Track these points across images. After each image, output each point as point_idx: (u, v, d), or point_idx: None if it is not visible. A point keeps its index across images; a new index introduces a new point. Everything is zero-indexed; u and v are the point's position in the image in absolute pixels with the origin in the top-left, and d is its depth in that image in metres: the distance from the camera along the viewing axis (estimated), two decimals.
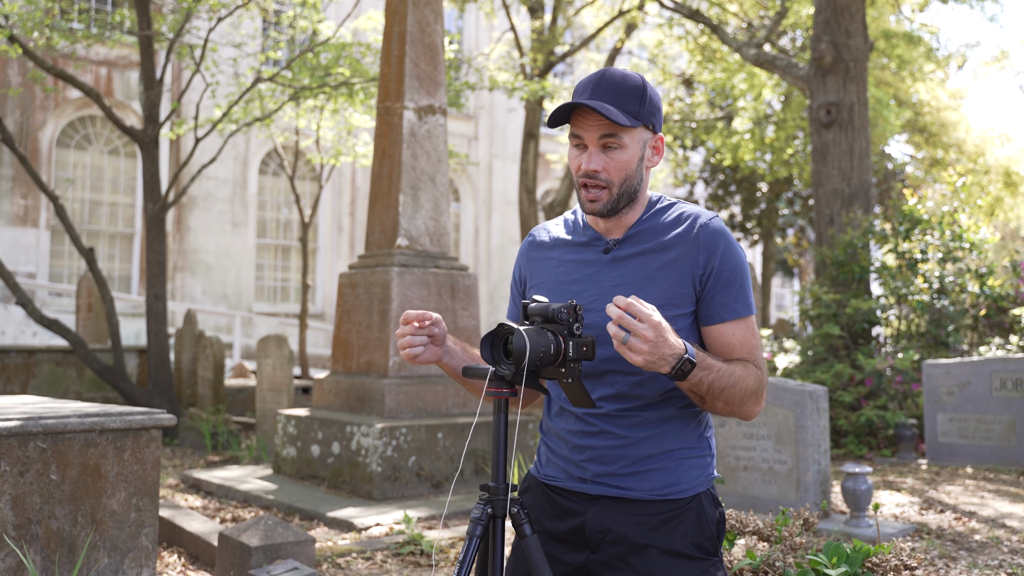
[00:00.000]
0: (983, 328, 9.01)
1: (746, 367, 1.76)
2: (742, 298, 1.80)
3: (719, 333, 1.80)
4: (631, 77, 1.78)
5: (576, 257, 1.88)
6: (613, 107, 1.73)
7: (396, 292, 6.17)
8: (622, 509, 1.80)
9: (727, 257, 1.79)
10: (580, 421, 1.84)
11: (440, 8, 6.88)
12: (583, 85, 1.78)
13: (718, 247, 1.78)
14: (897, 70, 15.87)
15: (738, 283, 1.80)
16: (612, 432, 1.80)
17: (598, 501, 1.82)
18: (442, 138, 6.73)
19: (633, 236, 1.83)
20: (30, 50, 8.71)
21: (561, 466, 1.88)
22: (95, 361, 8.71)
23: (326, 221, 19.70)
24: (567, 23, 16.27)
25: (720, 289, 1.77)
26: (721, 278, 1.78)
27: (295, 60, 10.54)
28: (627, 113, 1.74)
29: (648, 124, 1.79)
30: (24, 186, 15.92)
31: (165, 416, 3.26)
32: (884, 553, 3.33)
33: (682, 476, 1.81)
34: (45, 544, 2.98)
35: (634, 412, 1.80)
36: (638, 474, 1.80)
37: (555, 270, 1.90)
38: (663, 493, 1.80)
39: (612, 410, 1.80)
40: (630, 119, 1.74)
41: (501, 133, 22.87)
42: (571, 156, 1.81)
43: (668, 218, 1.83)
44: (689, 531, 1.79)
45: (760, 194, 19.96)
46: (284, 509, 5.47)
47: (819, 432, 5.10)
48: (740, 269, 1.80)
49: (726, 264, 1.78)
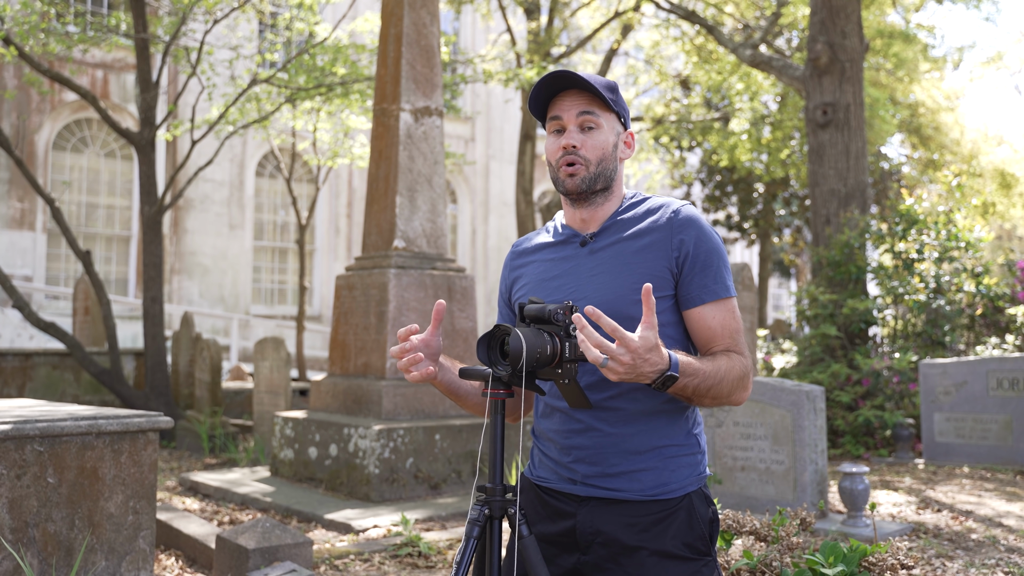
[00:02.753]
0: (980, 328, 9.03)
1: (730, 358, 1.76)
2: (720, 279, 1.81)
3: (700, 316, 1.80)
4: (599, 74, 1.88)
5: (556, 255, 1.92)
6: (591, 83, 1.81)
7: (393, 294, 6.17)
8: (612, 510, 1.79)
9: (702, 239, 1.81)
10: (567, 419, 1.83)
11: (436, 10, 6.88)
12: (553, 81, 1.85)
13: (692, 230, 1.81)
14: (893, 70, 15.91)
15: (715, 265, 1.81)
16: (598, 429, 1.79)
17: (588, 502, 1.81)
18: (439, 140, 6.74)
19: (609, 228, 1.87)
20: (26, 53, 8.70)
21: (552, 468, 1.88)
22: (92, 364, 8.69)
23: (323, 223, 19.69)
24: (563, 24, 16.28)
25: (698, 271, 1.79)
26: (698, 260, 1.79)
27: (291, 62, 10.54)
28: (601, 99, 1.82)
29: (620, 116, 1.86)
30: (20, 189, 15.90)
31: (162, 419, 3.26)
32: (881, 552, 3.34)
33: (672, 476, 1.81)
34: (42, 547, 2.97)
35: (617, 402, 1.79)
36: (627, 474, 1.79)
37: (536, 270, 1.93)
38: (653, 493, 1.79)
39: (596, 400, 1.79)
40: (607, 98, 1.82)
41: (498, 135, 22.88)
42: (549, 143, 1.87)
43: (642, 209, 1.88)
44: (680, 531, 1.78)
45: (757, 194, 19.98)
46: (282, 511, 5.46)
47: (816, 432, 5.11)
48: (716, 252, 1.82)
49: (701, 246, 1.80)
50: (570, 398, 1.73)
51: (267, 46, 12.28)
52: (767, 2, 14.99)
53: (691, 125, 17.68)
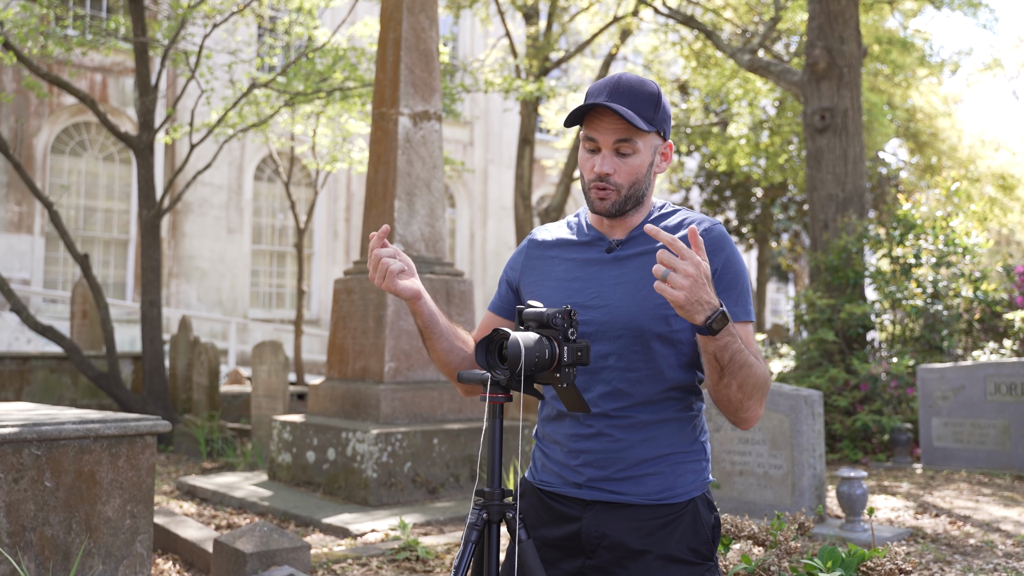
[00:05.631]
0: (977, 332, 9.04)
1: (757, 358, 1.76)
2: (742, 303, 1.80)
3: None
4: (647, 83, 1.80)
5: (578, 256, 1.89)
6: (631, 111, 1.75)
7: (391, 298, 6.17)
8: (617, 514, 1.79)
9: (730, 262, 1.80)
10: (577, 424, 1.83)
11: (435, 14, 6.89)
12: (599, 88, 1.79)
13: (721, 252, 1.80)
14: (891, 75, 15.94)
15: (739, 288, 1.80)
16: (608, 434, 1.80)
17: (593, 506, 1.81)
18: (437, 144, 6.74)
19: (636, 238, 1.85)
20: (25, 56, 8.71)
21: (556, 471, 1.87)
22: (90, 368, 8.68)
23: (322, 227, 19.69)
24: (562, 29, 16.31)
25: (720, 292, 1.77)
26: (723, 281, 1.78)
27: (291, 66, 10.55)
28: (643, 118, 1.76)
29: (660, 131, 1.81)
30: (19, 192, 15.89)
31: (160, 423, 3.26)
32: (879, 557, 3.34)
33: (677, 480, 1.81)
34: (39, 551, 2.97)
35: (629, 412, 1.79)
36: (633, 479, 1.79)
37: (555, 268, 1.91)
38: (659, 498, 1.80)
39: (609, 409, 1.80)
40: (646, 124, 1.76)
41: (497, 139, 22.89)
42: (583, 158, 1.83)
43: (671, 223, 1.86)
44: (685, 536, 1.79)
45: (755, 199, 20.00)
46: (279, 515, 5.46)
47: (814, 437, 5.11)
48: (741, 275, 1.81)
49: (728, 268, 1.79)
50: (568, 402, 1.73)
51: (266, 50, 12.27)
52: (765, 7, 15.02)
53: (689, 130, 17.70)
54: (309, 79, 10.61)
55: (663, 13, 12.93)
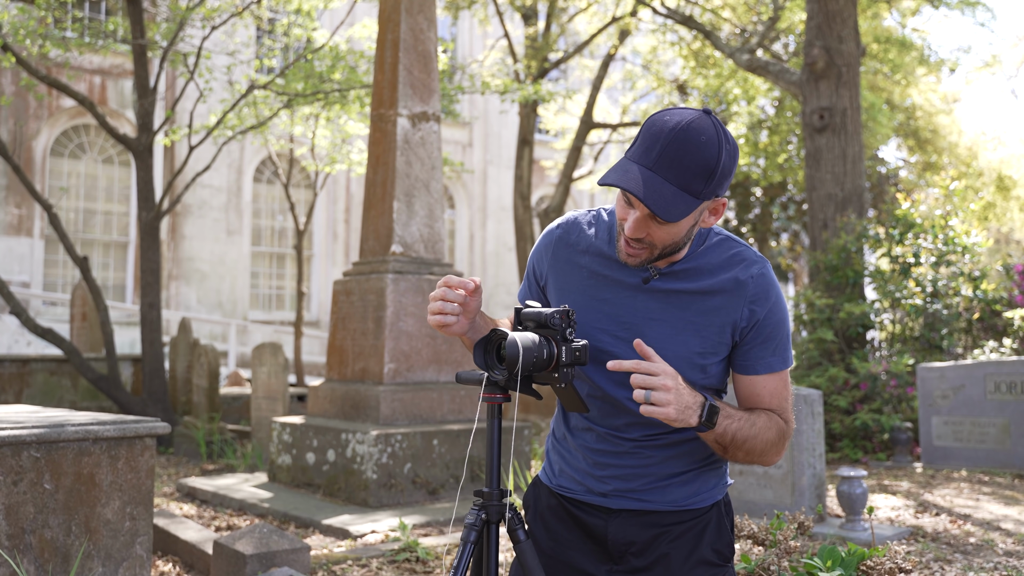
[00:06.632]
0: (977, 331, 9.04)
1: (770, 418, 1.75)
2: (779, 352, 1.76)
3: (751, 383, 1.78)
4: (706, 147, 1.54)
5: (610, 273, 1.77)
6: (671, 191, 1.54)
7: (391, 299, 6.17)
8: (643, 520, 1.80)
9: (772, 312, 1.74)
10: (604, 440, 1.82)
11: (434, 15, 6.89)
12: (649, 142, 1.57)
13: (766, 300, 1.73)
14: (890, 74, 15.94)
15: (779, 338, 1.76)
16: (637, 453, 1.80)
17: (619, 514, 1.82)
18: (436, 145, 6.74)
19: (678, 272, 1.73)
20: (23, 59, 8.70)
21: (579, 480, 1.87)
22: (89, 370, 8.68)
23: (321, 228, 19.69)
24: (561, 30, 16.31)
25: (759, 343, 1.74)
26: (763, 332, 1.74)
27: (289, 67, 10.55)
28: (689, 193, 1.56)
29: (710, 198, 1.62)
30: (18, 195, 15.90)
31: (159, 424, 3.26)
32: (879, 556, 3.33)
33: (702, 486, 1.83)
34: (39, 554, 2.97)
35: (659, 437, 1.79)
36: (660, 488, 1.81)
37: (585, 281, 1.80)
38: (685, 504, 1.81)
39: (638, 436, 1.79)
40: (688, 203, 1.56)
41: (496, 140, 22.89)
42: (619, 203, 1.67)
43: (716, 260, 1.74)
44: (711, 538, 1.81)
45: (754, 199, 20.01)
46: (279, 517, 5.45)
47: (814, 436, 5.11)
48: (783, 323, 1.76)
49: (770, 319, 1.74)
50: (566, 402, 1.73)
51: (265, 52, 12.27)
52: (764, 7, 15.03)
53: None
54: (308, 81, 10.61)
55: (661, 13, 12.94)
